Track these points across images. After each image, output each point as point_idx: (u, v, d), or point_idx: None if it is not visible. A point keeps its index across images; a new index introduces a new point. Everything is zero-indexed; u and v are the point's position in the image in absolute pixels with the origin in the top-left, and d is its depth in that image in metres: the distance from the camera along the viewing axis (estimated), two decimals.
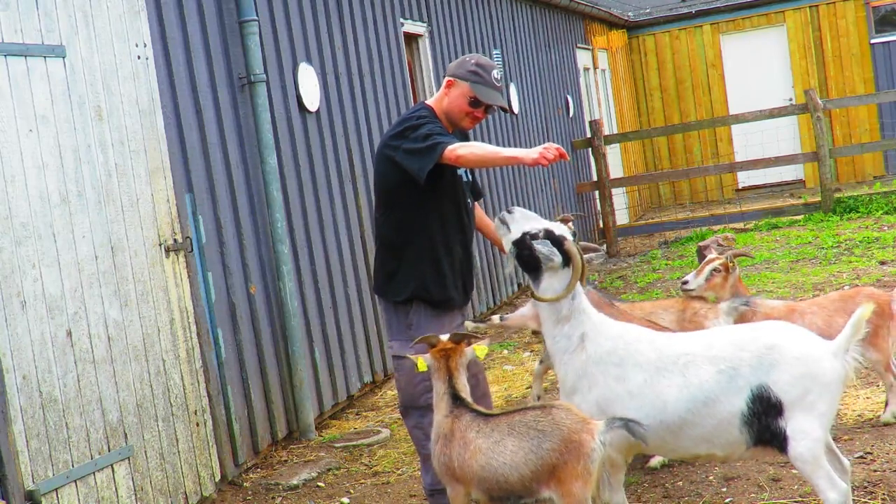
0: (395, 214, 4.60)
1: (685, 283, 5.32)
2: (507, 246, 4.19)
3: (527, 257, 4.08)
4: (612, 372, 3.95)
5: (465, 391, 4.06)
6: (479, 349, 4.11)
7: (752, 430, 3.79)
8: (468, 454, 3.90)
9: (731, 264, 5.30)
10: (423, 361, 4.11)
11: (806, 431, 3.73)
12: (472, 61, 4.62)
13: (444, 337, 4.13)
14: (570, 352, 4.06)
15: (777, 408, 3.76)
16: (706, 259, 5.38)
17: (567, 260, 4.06)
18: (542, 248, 4.05)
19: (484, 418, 3.95)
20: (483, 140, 10.42)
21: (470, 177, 4.84)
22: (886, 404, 5.31)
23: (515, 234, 4.13)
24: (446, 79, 4.63)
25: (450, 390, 4.04)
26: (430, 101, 4.74)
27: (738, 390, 3.78)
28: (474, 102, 4.58)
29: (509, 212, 4.20)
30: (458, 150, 4.23)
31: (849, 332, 3.80)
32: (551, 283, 4.08)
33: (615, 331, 4.06)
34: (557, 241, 4.06)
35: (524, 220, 4.15)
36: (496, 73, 4.62)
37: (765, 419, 3.77)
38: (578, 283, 4.10)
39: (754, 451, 3.91)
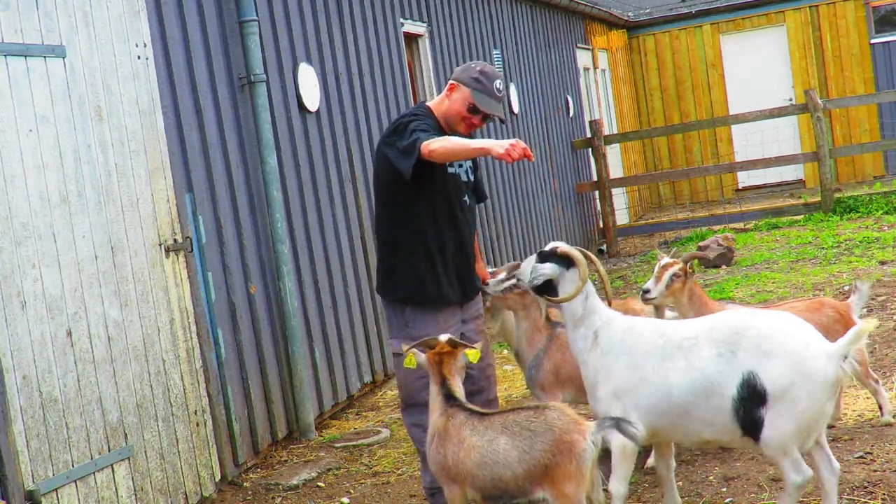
0: (390, 211, 4.67)
1: (646, 291, 5.22)
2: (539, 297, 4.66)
3: (544, 289, 4.40)
4: (623, 361, 4.14)
5: (459, 393, 4.11)
6: (472, 354, 4.20)
7: (739, 416, 3.87)
8: (463, 452, 3.93)
9: (689, 269, 5.24)
10: (412, 357, 4.18)
11: (779, 424, 3.80)
12: (477, 69, 4.67)
13: (444, 338, 4.17)
14: (588, 350, 4.28)
15: (761, 396, 3.82)
16: (662, 265, 5.27)
17: (568, 263, 4.30)
18: (544, 270, 4.35)
19: (479, 417, 4.00)
20: (482, 139, 10.40)
21: (472, 177, 4.85)
22: (880, 408, 5.32)
23: (532, 281, 4.43)
24: (450, 82, 4.69)
25: (443, 391, 4.10)
26: (430, 103, 4.79)
27: (732, 374, 3.87)
28: (472, 109, 4.64)
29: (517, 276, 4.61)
30: (430, 144, 4.30)
31: (850, 338, 3.81)
32: (564, 289, 4.34)
33: (625, 324, 4.25)
34: (549, 255, 4.36)
35: (528, 270, 4.46)
36: (498, 84, 4.67)
37: (749, 405, 3.84)
38: (591, 284, 4.33)
39: (749, 440, 3.96)
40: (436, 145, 4.29)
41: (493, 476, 3.86)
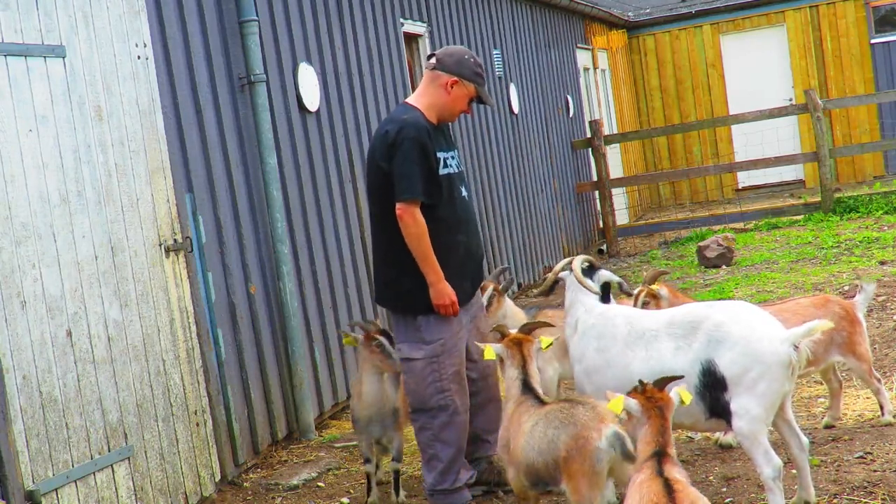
0: (393, 223, 4.59)
1: None
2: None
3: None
4: (594, 344, 4.46)
5: (535, 378, 4.27)
6: (545, 340, 4.36)
7: (706, 401, 4.09)
8: (518, 436, 4.09)
9: (655, 291, 5.40)
10: (490, 349, 4.32)
11: (746, 409, 4.01)
12: (472, 61, 4.69)
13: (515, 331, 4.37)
14: (571, 336, 4.62)
15: (722, 383, 4.04)
16: (637, 292, 5.46)
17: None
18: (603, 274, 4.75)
19: (538, 405, 4.13)
20: (482, 139, 10.43)
21: (461, 166, 4.86)
22: (881, 408, 5.32)
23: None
24: (451, 77, 4.63)
25: (522, 376, 4.23)
26: (411, 100, 4.74)
27: (691, 364, 4.09)
28: (471, 101, 4.72)
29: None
30: (416, 216, 4.49)
31: (804, 331, 4.00)
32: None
33: (599, 310, 4.57)
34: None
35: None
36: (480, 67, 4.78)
37: (714, 392, 4.06)
38: (572, 278, 4.67)
39: (715, 423, 4.20)
40: (417, 228, 4.48)
41: (528, 461, 3.98)
